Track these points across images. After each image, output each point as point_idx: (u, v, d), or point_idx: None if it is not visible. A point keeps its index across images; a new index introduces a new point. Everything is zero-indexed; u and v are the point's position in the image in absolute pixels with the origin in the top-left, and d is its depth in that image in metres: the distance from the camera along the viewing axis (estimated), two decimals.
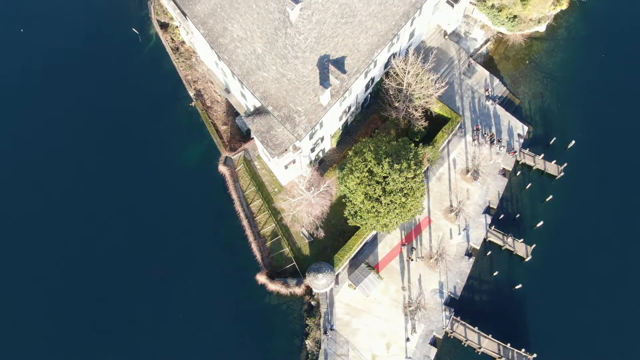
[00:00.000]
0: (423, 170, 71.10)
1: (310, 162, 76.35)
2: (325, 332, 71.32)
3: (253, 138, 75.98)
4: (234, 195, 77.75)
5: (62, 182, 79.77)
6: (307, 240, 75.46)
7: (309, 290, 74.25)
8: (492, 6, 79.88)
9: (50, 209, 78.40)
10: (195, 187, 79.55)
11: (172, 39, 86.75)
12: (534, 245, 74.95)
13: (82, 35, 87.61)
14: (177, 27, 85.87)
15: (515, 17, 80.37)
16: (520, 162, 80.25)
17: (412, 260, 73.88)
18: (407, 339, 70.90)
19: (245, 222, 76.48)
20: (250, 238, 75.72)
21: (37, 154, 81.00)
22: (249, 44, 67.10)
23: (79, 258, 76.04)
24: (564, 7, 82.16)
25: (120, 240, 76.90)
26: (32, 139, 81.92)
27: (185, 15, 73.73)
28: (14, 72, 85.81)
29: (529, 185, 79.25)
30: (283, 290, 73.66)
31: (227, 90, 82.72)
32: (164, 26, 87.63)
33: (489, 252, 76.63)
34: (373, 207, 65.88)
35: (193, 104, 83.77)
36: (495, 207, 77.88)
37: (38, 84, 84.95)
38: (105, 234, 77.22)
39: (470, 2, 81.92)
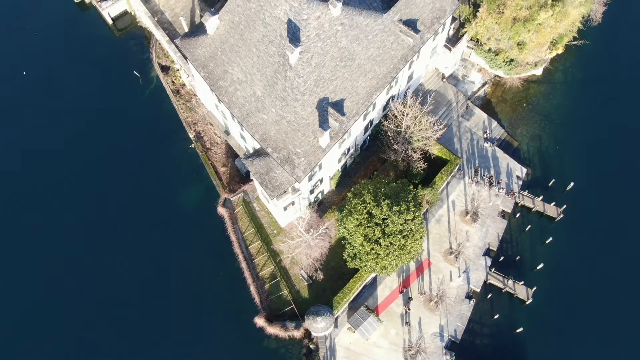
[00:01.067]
0: (422, 212, 71.03)
1: (310, 204, 76.29)
2: None
3: (252, 180, 76.06)
4: (233, 237, 77.44)
5: (62, 220, 79.60)
6: (306, 283, 74.88)
7: (307, 334, 73.36)
8: (489, 50, 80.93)
9: (50, 246, 78.07)
10: (194, 228, 79.25)
11: (173, 82, 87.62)
12: (534, 288, 74.38)
13: (83, 77, 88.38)
14: (177, 70, 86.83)
15: (512, 60, 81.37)
16: (519, 204, 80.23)
17: (409, 310, 73.19)
18: None
19: (244, 264, 76.00)
20: (249, 280, 75.13)
21: (37, 193, 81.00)
22: (249, 86, 67.75)
23: (76, 299, 75.28)
24: (560, 51, 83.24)
25: (118, 281, 76.24)
26: (33, 178, 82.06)
27: (186, 58, 74.60)
28: (16, 114, 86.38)
29: (529, 227, 79.06)
30: (282, 333, 72.76)
31: (227, 132, 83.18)
32: (165, 69, 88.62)
33: (490, 295, 75.99)
34: (372, 249, 65.59)
35: (193, 145, 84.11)
36: (495, 249, 77.54)
37: (40, 125, 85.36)
38: (103, 274, 76.60)
39: (468, 46, 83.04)
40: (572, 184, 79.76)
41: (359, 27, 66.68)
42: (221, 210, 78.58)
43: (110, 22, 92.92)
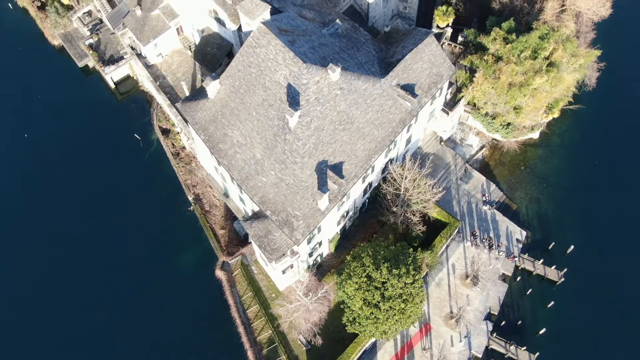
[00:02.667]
0: (422, 276, 70.35)
1: (308, 267, 75.64)
2: None
3: (251, 242, 75.63)
4: (231, 301, 76.40)
5: (61, 282, 79.09)
6: (304, 348, 73.48)
7: None
8: (486, 114, 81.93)
9: (50, 312, 77.37)
10: (191, 291, 78.39)
11: (173, 145, 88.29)
12: (537, 354, 72.98)
13: (85, 140, 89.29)
14: (178, 133, 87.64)
15: (509, 124, 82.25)
16: (519, 267, 79.63)
17: None
18: None
19: (241, 329, 74.71)
20: (247, 345, 73.68)
21: (39, 251, 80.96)
22: (249, 149, 68.22)
23: None
24: (556, 115, 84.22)
25: (114, 343, 74.97)
26: (33, 238, 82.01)
27: (186, 121, 75.42)
28: (17, 177, 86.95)
29: (530, 290, 78.22)
30: None
31: (226, 195, 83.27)
32: (166, 132, 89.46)
33: None
34: (372, 313, 64.65)
35: (192, 208, 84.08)
36: (496, 314, 76.47)
37: (40, 187, 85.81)
38: (100, 337, 75.50)
39: (465, 110, 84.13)
40: (572, 247, 79.35)
41: (357, 91, 67.71)
42: (219, 274, 77.84)
43: (112, 86, 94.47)
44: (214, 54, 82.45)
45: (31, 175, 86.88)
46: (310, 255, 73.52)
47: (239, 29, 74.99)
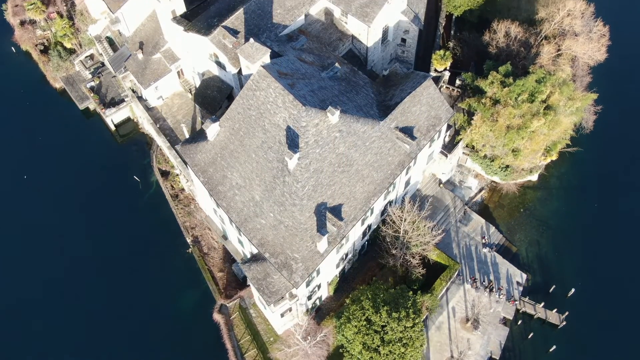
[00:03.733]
0: (422, 319, 69.54)
1: (307, 310, 74.84)
2: None
3: (249, 285, 75.00)
4: (228, 345, 75.35)
5: (59, 324, 78.30)
6: None
7: None
8: (485, 156, 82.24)
9: (51, 350, 76.53)
10: (188, 334, 77.45)
11: (172, 187, 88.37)
12: None
13: (84, 182, 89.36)
14: (177, 175, 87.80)
15: (507, 166, 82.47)
16: (520, 311, 78.82)
17: None
18: None
19: None
20: None
21: (37, 296, 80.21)
22: (248, 191, 68.23)
23: None
24: (554, 157, 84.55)
25: None
26: (32, 281, 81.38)
27: (186, 163, 75.61)
28: (16, 219, 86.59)
29: (531, 334, 77.30)
30: None
31: (225, 237, 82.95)
32: (165, 174, 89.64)
33: None
34: (372, 357, 63.73)
35: (190, 250, 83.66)
36: (497, 358, 75.32)
37: (39, 229, 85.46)
38: None
39: (463, 153, 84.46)
40: (573, 290, 78.75)
41: (356, 134, 68.08)
42: (217, 317, 76.96)
43: (113, 128, 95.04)
44: (214, 97, 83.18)
45: (30, 217, 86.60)
46: (309, 298, 72.83)
47: (239, 72, 75.84)
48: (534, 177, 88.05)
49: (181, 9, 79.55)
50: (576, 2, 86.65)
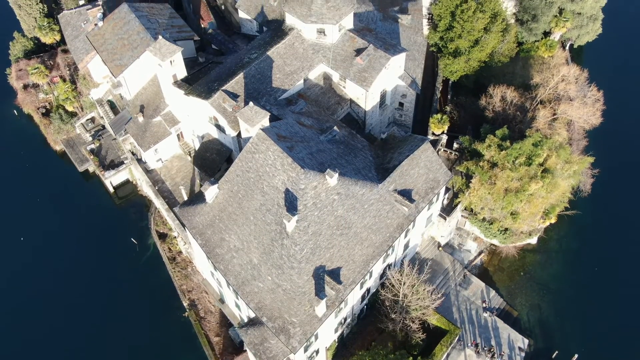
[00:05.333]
0: None
1: None
2: None
3: (246, 350, 73.51)
4: None
5: None
6: None
7: None
8: (484, 219, 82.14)
9: None
10: None
11: (170, 249, 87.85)
12: None
13: (81, 245, 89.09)
14: (175, 237, 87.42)
15: (506, 230, 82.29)
16: None
17: None
18: None
19: None
20: None
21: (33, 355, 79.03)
22: (246, 254, 67.75)
23: None
24: (553, 220, 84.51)
25: None
26: (27, 346, 79.97)
27: (184, 226, 75.35)
28: (12, 281, 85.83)
29: None
30: None
31: (222, 301, 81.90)
32: (163, 236, 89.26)
33: None
34: None
35: (187, 314, 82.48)
36: None
37: (34, 291, 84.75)
38: None
39: (462, 215, 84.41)
40: (576, 355, 77.26)
41: (355, 196, 68.17)
42: None
43: (111, 190, 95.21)
44: (213, 160, 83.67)
45: (26, 279, 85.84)
46: None
47: (239, 135, 76.54)
48: (534, 240, 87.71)
49: (182, 73, 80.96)
50: (570, 68, 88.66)
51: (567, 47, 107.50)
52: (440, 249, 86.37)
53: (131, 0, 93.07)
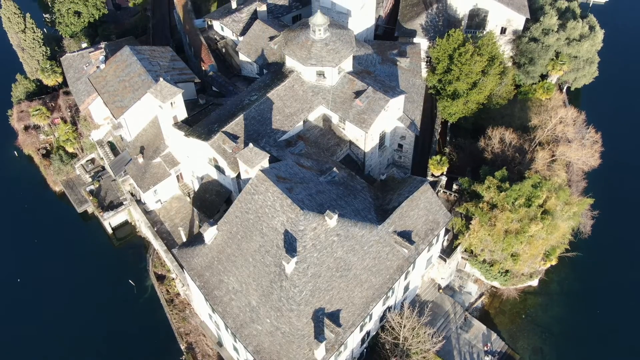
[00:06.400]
0: None
1: None
2: None
3: None
4: None
5: None
6: None
7: None
8: (484, 261, 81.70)
9: None
10: None
11: (168, 291, 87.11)
12: None
13: (77, 286, 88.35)
14: (173, 279, 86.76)
15: (507, 271, 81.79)
16: None
17: None
18: None
19: None
20: None
21: None
22: (244, 296, 67.13)
23: None
24: (554, 262, 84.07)
25: None
26: None
27: (182, 267, 74.84)
28: (8, 322, 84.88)
29: None
30: None
31: (220, 344, 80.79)
32: (161, 278, 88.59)
33: None
34: None
35: (184, 358, 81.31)
36: None
37: (30, 333, 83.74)
38: None
39: (462, 257, 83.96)
40: None
41: (354, 238, 67.91)
42: None
43: (110, 231, 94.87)
44: (213, 201, 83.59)
45: (23, 320, 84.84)
46: None
47: (238, 176, 76.63)
48: (534, 283, 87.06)
49: (183, 114, 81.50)
50: (568, 110, 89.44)
51: (564, 90, 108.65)
52: (441, 291, 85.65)
53: (133, 44, 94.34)
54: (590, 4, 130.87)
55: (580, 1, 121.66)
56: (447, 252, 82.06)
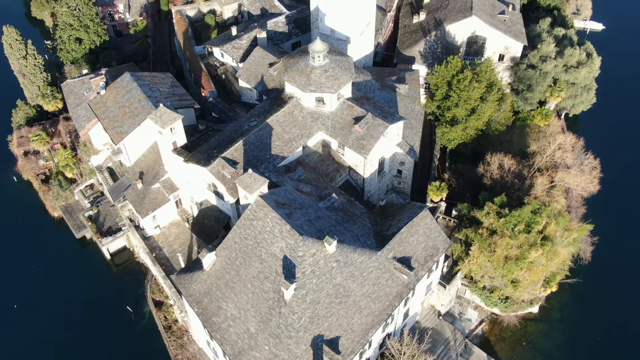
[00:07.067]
0: None
1: None
2: None
3: None
4: None
5: None
6: None
7: None
8: (484, 287, 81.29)
9: None
10: None
11: (166, 318, 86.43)
12: None
13: (74, 312, 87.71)
14: (171, 305, 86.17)
15: (507, 298, 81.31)
16: None
17: None
18: None
19: None
20: None
21: None
22: (243, 323, 66.62)
23: None
24: (554, 289, 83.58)
25: None
26: None
27: (180, 294, 74.36)
28: (6, 348, 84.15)
29: None
30: None
31: None
32: (159, 304, 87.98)
33: None
34: None
35: None
36: None
37: (29, 358, 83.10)
38: None
39: (462, 284, 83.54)
40: None
41: (353, 264, 67.61)
42: None
43: (108, 257, 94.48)
44: (211, 227, 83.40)
45: (20, 346, 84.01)
46: None
47: (237, 202, 76.55)
48: (535, 309, 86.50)
49: (182, 140, 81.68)
50: (566, 136, 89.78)
51: (562, 116, 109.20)
52: (441, 317, 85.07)
53: (134, 70, 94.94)
54: (587, 31, 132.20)
55: (577, 28, 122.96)
56: (446, 278, 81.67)
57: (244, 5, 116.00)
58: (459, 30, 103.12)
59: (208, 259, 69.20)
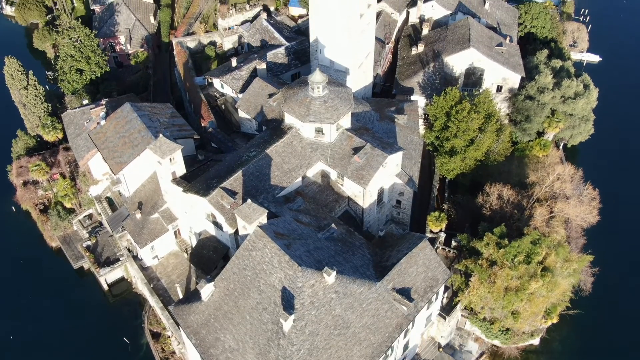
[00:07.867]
0: None
1: None
2: None
3: None
4: None
5: None
6: None
7: None
8: (484, 319, 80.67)
9: None
10: None
11: (163, 349, 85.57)
12: None
13: (71, 345, 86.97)
14: (169, 337, 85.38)
15: (507, 330, 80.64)
16: None
17: None
18: None
19: None
20: None
21: None
22: (241, 355, 65.88)
23: None
24: (555, 320, 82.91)
25: None
26: None
27: (178, 325, 73.71)
28: None
29: None
30: None
31: None
32: (156, 336, 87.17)
33: None
34: None
35: None
36: None
37: None
38: None
39: (462, 315, 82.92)
40: None
41: (353, 295, 67.16)
42: None
43: (106, 288, 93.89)
44: (210, 257, 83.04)
45: None
46: None
47: (236, 232, 76.32)
48: (536, 341, 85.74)
49: (181, 170, 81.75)
50: (565, 167, 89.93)
51: (560, 147, 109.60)
52: (441, 349, 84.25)
53: (134, 100, 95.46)
54: (584, 63, 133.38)
55: (574, 60, 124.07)
56: (446, 309, 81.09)
57: (244, 37, 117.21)
58: (457, 62, 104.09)
59: (206, 290, 68.74)
